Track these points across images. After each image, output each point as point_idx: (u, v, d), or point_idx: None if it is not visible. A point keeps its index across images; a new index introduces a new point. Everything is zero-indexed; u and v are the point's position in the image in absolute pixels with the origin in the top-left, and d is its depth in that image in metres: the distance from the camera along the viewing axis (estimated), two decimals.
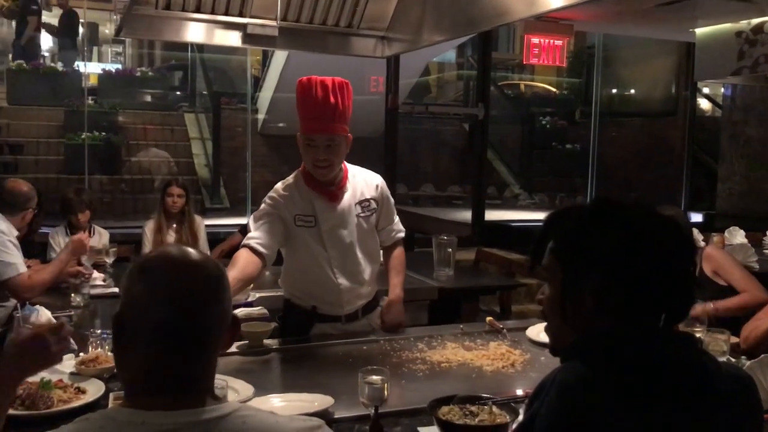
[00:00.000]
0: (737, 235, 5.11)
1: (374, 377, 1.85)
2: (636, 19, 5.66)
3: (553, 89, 13.85)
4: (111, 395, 2.02)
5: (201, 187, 9.72)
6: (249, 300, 3.40)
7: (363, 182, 2.80)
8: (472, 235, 7.01)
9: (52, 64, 10.44)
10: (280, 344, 2.65)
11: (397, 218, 2.93)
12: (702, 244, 3.89)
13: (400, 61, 6.62)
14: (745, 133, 8.42)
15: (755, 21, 5.23)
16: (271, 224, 2.64)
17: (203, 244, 4.94)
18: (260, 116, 10.22)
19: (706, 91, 11.08)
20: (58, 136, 9.63)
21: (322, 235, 2.69)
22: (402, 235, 2.95)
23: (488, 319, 2.95)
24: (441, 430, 1.75)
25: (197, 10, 3.87)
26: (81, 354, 2.33)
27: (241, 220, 7.02)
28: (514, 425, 1.66)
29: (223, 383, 1.84)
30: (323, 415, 1.82)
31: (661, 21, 5.59)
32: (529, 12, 3.29)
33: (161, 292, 1.14)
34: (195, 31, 3.96)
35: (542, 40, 6.01)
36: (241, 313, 3.19)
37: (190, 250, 1.21)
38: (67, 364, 2.21)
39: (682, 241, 1.27)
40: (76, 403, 1.99)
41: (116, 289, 3.67)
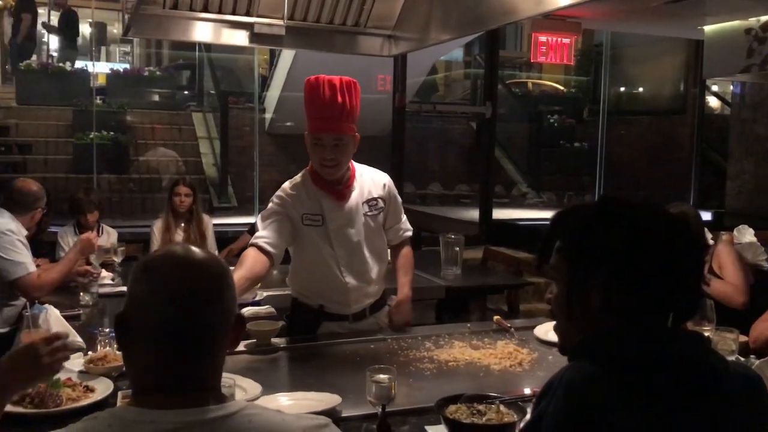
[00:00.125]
0: (746, 234, 5.07)
1: (382, 376, 1.85)
2: (644, 16, 5.63)
3: (561, 87, 13.80)
4: (119, 394, 2.03)
5: (209, 186, 9.75)
6: (256, 299, 3.42)
7: (370, 181, 2.80)
8: (480, 233, 6.99)
9: (61, 64, 10.48)
10: (287, 343, 2.66)
11: (404, 217, 2.93)
12: (711, 242, 3.88)
13: (408, 60, 6.63)
14: (754, 131, 8.37)
15: (764, 18, 5.19)
16: (278, 223, 2.65)
17: (211, 243, 4.96)
18: (268, 115, 10.24)
19: (714, 88, 11.03)
20: (66, 136, 9.68)
21: (330, 234, 2.69)
22: (410, 233, 2.95)
23: (496, 317, 2.95)
24: (448, 429, 1.75)
25: (204, 10, 3.88)
26: (90, 352, 2.35)
27: (249, 219, 7.05)
28: (522, 424, 1.66)
29: (231, 382, 1.84)
30: (330, 413, 1.82)
31: (669, 18, 5.56)
32: (537, 10, 3.27)
33: (163, 292, 1.14)
34: (202, 31, 3.97)
35: (550, 39, 5.98)
36: (248, 311, 3.20)
37: (194, 249, 1.21)
38: (76, 363, 2.22)
39: (691, 240, 1.25)
40: (84, 402, 2.00)
41: (124, 288, 3.66)
